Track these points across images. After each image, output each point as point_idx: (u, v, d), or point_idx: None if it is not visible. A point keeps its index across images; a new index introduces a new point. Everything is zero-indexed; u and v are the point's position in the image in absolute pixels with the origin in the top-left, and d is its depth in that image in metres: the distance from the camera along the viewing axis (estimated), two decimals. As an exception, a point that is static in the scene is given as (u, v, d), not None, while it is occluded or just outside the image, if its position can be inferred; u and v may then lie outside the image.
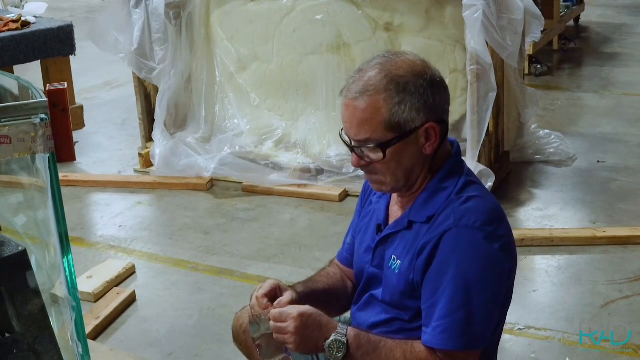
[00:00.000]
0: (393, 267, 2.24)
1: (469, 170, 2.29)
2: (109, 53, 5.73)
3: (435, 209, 2.18)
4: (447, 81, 2.40)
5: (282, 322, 2.17)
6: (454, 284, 2.08)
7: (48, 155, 1.75)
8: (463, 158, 2.34)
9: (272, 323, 2.19)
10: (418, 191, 2.24)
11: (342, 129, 2.22)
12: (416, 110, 2.12)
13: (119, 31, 5.60)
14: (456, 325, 2.08)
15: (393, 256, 2.25)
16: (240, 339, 2.66)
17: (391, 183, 2.21)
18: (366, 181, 2.53)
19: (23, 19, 5.81)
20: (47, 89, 1.73)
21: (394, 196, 2.35)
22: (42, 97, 1.77)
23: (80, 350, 1.92)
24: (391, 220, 2.33)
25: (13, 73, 5.36)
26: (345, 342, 2.14)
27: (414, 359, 2.13)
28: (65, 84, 1.77)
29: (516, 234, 4.49)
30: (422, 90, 2.13)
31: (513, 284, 2.24)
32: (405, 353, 2.14)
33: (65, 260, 1.86)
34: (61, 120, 1.73)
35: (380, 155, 2.14)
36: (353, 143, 2.18)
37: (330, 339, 2.14)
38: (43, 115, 1.72)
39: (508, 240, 2.18)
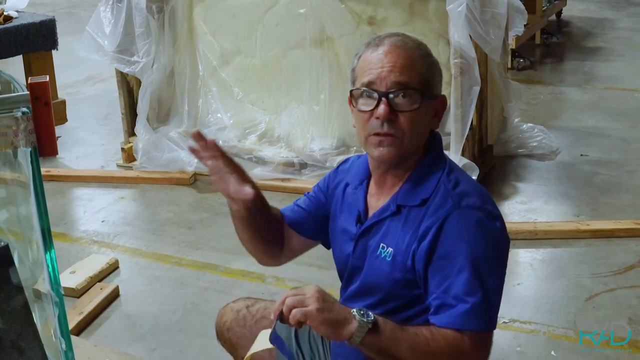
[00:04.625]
0: (383, 255, 2.20)
1: (448, 156, 2.31)
2: (97, 57, 5.69)
3: (428, 192, 2.16)
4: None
5: (301, 294, 2.02)
6: (468, 265, 2.04)
7: (30, 149, 1.73)
8: (446, 152, 2.35)
9: (289, 299, 2.02)
10: (404, 176, 2.23)
11: (360, 86, 2.20)
12: (439, 81, 2.24)
13: (102, 32, 5.57)
14: (479, 305, 2.03)
15: (382, 244, 2.21)
16: (224, 336, 2.65)
17: (404, 144, 2.17)
18: (336, 168, 2.51)
19: (5, 13, 5.79)
20: (29, 82, 1.71)
21: (372, 186, 2.32)
22: (24, 91, 1.75)
23: (64, 346, 1.90)
24: (370, 212, 2.30)
25: (-6, 67, 5.33)
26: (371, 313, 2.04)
27: (441, 336, 2.04)
28: (47, 76, 1.75)
29: (500, 227, 4.50)
30: (439, 67, 2.26)
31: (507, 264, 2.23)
32: (431, 331, 2.05)
33: (47, 256, 1.84)
34: (43, 113, 1.71)
35: (416, 104, 2.15)
36: (390, 87, 2.15)
37: (356, 307, 2.03)
38: (25, 109, 1.70)
39: (502, 219, 2.20)
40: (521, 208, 4.98)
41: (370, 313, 2.01)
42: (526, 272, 4.29)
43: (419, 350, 2.03)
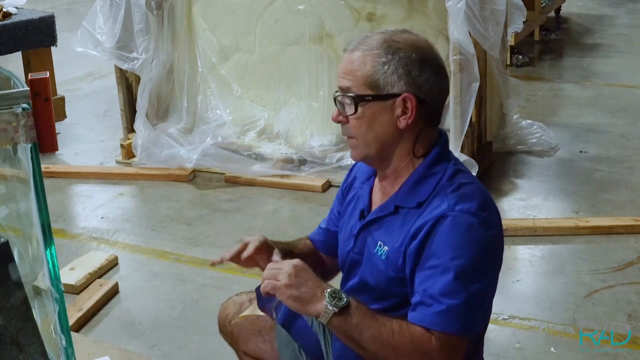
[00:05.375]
0: (379, 253, 2.20)
1: (457, 159, 2.26)
2: (94, 53, 5.67)
3: (425, 194, 2.15)
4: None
5: (277, 268, 2.14)
6: (451, 268, 2.03)
7: (30, 145, 1.73)
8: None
9: (266, 271, 2.17)
10: (404, 176, 2.21)
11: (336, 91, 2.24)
12: (398, 76, 2.13)
13: (100, 28, 5.56)
14: (454, 309, 2.02)
15: (379, 242, 2.21)
16: (226, 329, 2.65)
17: (362, 147, 2.19)
18: (350, 168, 2.52)
19: (4, 10, 5.77)
20: (29, 78, 1.71)
21: (377, 183, 2.32)
22: (23, 87, 1.74)
23: (64, 342, 1.90)
24: (374, 207, 2.30)
25: (-7, 64, 5.32)
26: (346, 296, 2.06)
27: (409, 332, 2.05)
28: (47, 73, 1.74)
29: (499, 224, 4.51)
30: (411, 60, 2.14)
31: (499, 272, 2.23)
32: (401, 324, 2.06)
33: (48, 252, 1.84)
34: (43, 109, 1.71)
35: (353, 108, 2.15)
36: (337, 92, 2.20)
37: (331, 288, 2.06)
38: (25, 105, 1.70)
39: (499, 227, 2.17)
40: (520, 204, 4.98)
41: (344, 297, 2.04)
42: (525, 268, 4.29)
43: (381, 340, 2.04)
